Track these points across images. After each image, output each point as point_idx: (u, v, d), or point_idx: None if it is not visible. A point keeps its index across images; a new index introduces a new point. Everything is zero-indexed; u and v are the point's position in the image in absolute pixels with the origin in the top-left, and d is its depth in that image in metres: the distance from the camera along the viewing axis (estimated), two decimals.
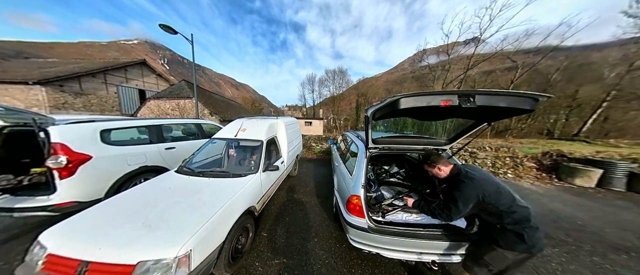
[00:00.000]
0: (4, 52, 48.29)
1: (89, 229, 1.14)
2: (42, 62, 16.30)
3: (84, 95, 12.72)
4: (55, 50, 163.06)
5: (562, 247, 1.90)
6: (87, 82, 12.91)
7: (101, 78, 13.68)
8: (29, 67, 14.00)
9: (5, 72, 11.83)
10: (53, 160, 1.80)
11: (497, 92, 1.07)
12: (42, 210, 1.81)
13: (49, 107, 11.05)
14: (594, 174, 3.73)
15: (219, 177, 1.82)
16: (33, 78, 10.78)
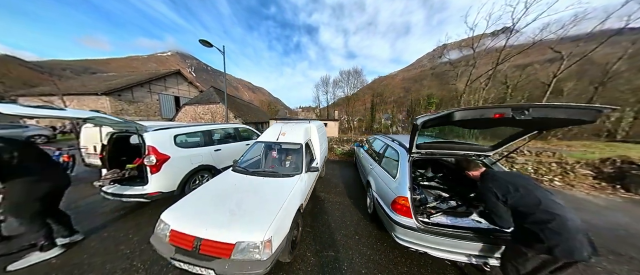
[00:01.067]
0: (76, 68, 59.77)
1: (192, 213, 1.48)
2: (105, 76, 19.65)
3: (135, 103, 14.99)
4: (111, 64, 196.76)
5: (630, 264, 1.70)
6: (137, 92, 15.18)
7: (147, 87, 15.95)
8: (97, 81, 17.06)
9: (85, 86, 14.63)
10: (147, 159, 2.30)
11: (556, 105, 1.08)
12: (140, 198, 2.32)
13: (111, 113, 13.36)
14: None
15: (271, 177, 2.10)
16: (101, 90, 13.12)
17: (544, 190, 1.13)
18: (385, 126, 24.63)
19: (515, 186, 1.12)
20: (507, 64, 13.23)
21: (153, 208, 2.53)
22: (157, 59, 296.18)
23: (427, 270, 1.59)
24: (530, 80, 14.99)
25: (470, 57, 13.82)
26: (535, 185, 1.14)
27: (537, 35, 11.51)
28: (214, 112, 13.53)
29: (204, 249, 1.24)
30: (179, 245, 1.30)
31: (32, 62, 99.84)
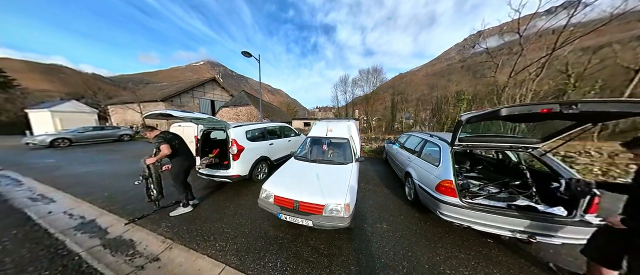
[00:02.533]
0: (135, 80, 72.94)
1: (285, 185, 2.07)
2: (159, 86, 23.48)
3: (182, 107, 17.68)
4: (159, 75, 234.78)
5: None
6: (183, 97, 17.86)
7: (190, 94, 18.65)
8: (154, 90, 20.63)
9: (148, 94, 17.96)
10: (231, 150, 3.08)
11: (605, 100, 1.19)
12: (226, 178, 3.11)
13: None
14: None
15: (330, 164, 2.62)
16: (159, 97, 15.96)
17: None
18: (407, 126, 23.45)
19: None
20: (568, 47, 10.22)
21: (231, 186, 3.32)
22: (192, 68, 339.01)
23: (470, 243, 1.88)
24: (605, 66, 11.59)
25: (515, 43, 11.12)
26: None
27: (619, 7, 7.62)
28: (245, 113, 15.10)
29: (302, 208, 1.79)
30: (282, 205, 1.89)
31: (107, 77, 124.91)
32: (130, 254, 1.70)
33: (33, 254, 1.68)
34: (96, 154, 6.70)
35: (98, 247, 1.79)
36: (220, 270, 1.54)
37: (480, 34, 15.39)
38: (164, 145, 2.16)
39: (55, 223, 2.19)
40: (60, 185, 3.42)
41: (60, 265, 1.57)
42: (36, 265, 1.55)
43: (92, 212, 2.45)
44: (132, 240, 1.89)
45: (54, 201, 2.81)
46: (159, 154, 2.16)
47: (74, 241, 1.86)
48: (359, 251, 1.76)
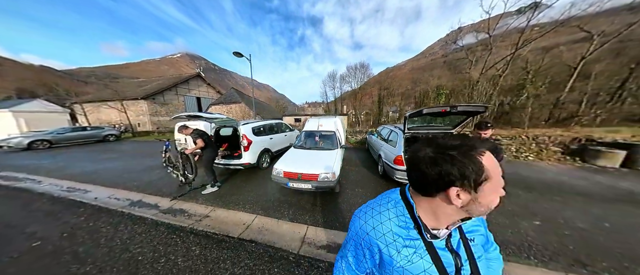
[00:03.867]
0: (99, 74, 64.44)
1: (290, 164, 2.93)
2: (136, 82, 21.88)
3: (166, 105, 17.02)
4: (129, 69, 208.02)
5: (532, 191, 2.98)
6: (167, 95, 17.15)
7: (174, 90, 17.90)
8: (131, 86, 19.27)
9: (123, 91, 16.76)
10: (242, 142, 3.82)
11: (468, 104, 2.36)
12: (239, 166, 3.86)
13: (149, 114, 15.47)
14: (617, 155, 4.13)
15: (321, 150, 3.52)
16: (140, 95, 15.15)
17: None
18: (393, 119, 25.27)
19: None
20: (529, 47, 12.07)
21: (242, 172, 4.08)
22: (168, 61, 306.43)
23: None
24: (554, 64, 13.72)
25: (488, 41, 12.45)
26: None
27: (564, 13, 10.18)
28: (237, 111, 15.20)
29: (304, 177, 2.69)
30: (289, 177, 2.76)
31: (62, 70, 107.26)
32: (186, 215, 2.46)
33: (114, 220, 2.35)
34: (90, 154, 6.75)
35: (160, 213, 2.50)
36: (254, 217, 2.39)
37: (461, 30, 16.77)
38: (199, 139, 2.85)
39: (110, 203, 2.80)
40: (83, 180, 3.85)
41: (143, 224, 2.28)
42: (125, 222, 2.24)
43: (135, 196, 3.06)
44: (182, 209, 2.63)
45: (90, 191, 3.32)
46: (197, 145, 2.84)
47: (138, 213, 2.54)
48: (342, 203, 2.74)
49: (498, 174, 0.40)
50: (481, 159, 0.39)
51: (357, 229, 0.48)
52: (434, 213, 0.44)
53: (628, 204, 2.62)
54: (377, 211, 0.48)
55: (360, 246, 0.48)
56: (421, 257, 0.43)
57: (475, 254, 0.48)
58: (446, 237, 0.45)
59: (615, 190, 3.03)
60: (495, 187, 0.40)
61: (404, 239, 0.44)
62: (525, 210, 2.45)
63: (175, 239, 1.98)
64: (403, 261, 0.43)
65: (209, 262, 1.65)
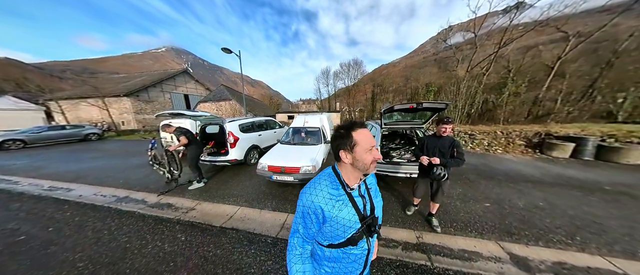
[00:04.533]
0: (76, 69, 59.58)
1: (275, 158, 3.10)
2: (117, 78, 20.71)
3: (151, 102, 16.38)
4: (108, 63, 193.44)
5: (492, 180, 3.38)
6: (152, 92, 16.48)
7: (160, 87, 17.21)
8: (112, 82, 18.25)
9: (104, 87, 15.86)
10: (229, 139, 3.92)
11: (431, 102, 2.61)
12: (226, 162, 3.97)
13: (133, 112, 14.86)
14: (567, 147, 4.69)
15: (306, 145, 3.72)
16: (122, 91, 14.44)
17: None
18: None
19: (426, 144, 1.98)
20: (510, 46, 12.76)
21: (229, 169, 4.20)
22: (152, 56, 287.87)
23: (387, 182, 3.26)
24: (534, 63, 14.36)
25: (474, 40, 13.27)
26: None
27: (543, 14, 10.95)
28: (227, 108, 14.95)
29: (287, 170, 2.88)
30: (273, 171, 2.94)
31: (32, 64, 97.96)
32: (173, 208, 2.58)
33: (101, 215, 2.43)
34: (72, 154, 6.52)
35: (147, 207, 2.61)
36: (237, 209, 2.56)
37: (451, 28, 17.26)
38: (182, 137, 2.93)
39: (96, 200, 2.86)
40: (65, 179, 3.81)
41: (130, 217, 2.39)
42: (112, 216, 2.33)
43: (121, 193, 3.12)
44: (169, 203, 2.75)
45: (73, 189, 3.32)
46: (180, 143, 2.93)
47: (125, 207, 2.63)
48: None
49: (367, 142, 0.61)
50: (352, 133, 0.62)
51: (305, 201, 0.63)
52: (347, 174, 0.65)
53: (565, 187, 3.07)
54: (317, 183, 0.66)
55: (308, 214, 0.62)
56: (346, 205, 0.64)
57: (373, 196, 0.72)
58: (358, 189, 0.67)
59: (559, 177, 3.50)
60: (365, 150, 0.61)
61: (336, 196, 0.63)
62: (481, 196, 2.81)
63: (162, 228, 2.12)
64: (336, 211, 0.62)
65: (193, 246, 1.82)
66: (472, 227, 2.08)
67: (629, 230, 2.02)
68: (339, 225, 0.63)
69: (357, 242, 0.66)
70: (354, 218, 0.64)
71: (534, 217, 2.25)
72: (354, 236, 0.65)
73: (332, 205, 0.63)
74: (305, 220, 0.64)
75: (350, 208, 0.64)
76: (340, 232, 0.64)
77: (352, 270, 0.70)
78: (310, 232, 0.65)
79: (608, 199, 2.68)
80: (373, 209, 0.70)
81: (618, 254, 1.72)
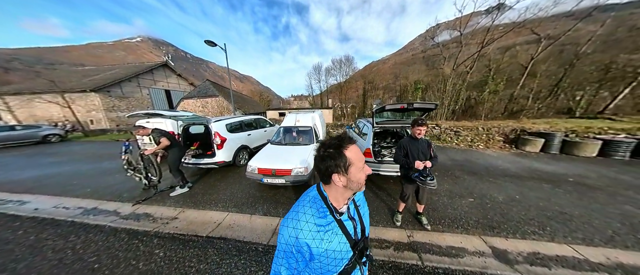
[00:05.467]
0: (26, 59, 51.41)
1: (265, 160, 2.96)
2: (83, 71, 18.41)
3: (126, 99, 14.93)
4: (71, 53, 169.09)
5: (475, 175, 3.59)
6: (126, 87, 14.99)
7: (135, 82, 15.71)
8: (76, 75, 16.20)
9: (66, 81, 14.02)
10: (215, 140, 3.66)
11: (421, 102, 2.64)
12: (213, 164, 3.72)
13: (104, 110, 13.43)
14: (538, 142, 5.17)
15: (297, 145, 3.60)
16: (89, 86, 12.89)
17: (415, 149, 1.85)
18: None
19: (402, 147, 1.92)
20: (491, 46, 13.72)
21: (217, 171, 3.96)
22: (126, 46, 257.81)
23: (377, 182, 3.30)
24: (511, 63, 15.16)
25: (459, 38, 13.97)
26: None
27: (520, 16, 11.98)
28: (214, 105, 14.13)
29: (278, 173, 2.76)
30: (263, 173, 2.80)
31: None
32: (151, 219, 2.35)
33: (63, 231, 2.13)
34: (27, 159, 5.68)
35: (120, 220, 2.34)
36: (226, 215, 2.41)
37: (438, 26, 17.91)
38: (163, 138, 2.65)
39: (57, 213, 2.50)
40: (17, 190, 3.30)
41: (99, 232, 2.11)
42: (77, 232, 2.05)
43: (89, 203, 2.77)
44: (147, 213, 2.49)
45: (28, 202, 2.88)
46: (160, 145, 2.64)
47: (93, 221, 2.33)
48: None
49: (360, 159, 0.55)
50: (345, 152, 0.54)
51: (287, 238, 0.53)
52: (335, 196, 0.57)
53: (537, 180, 3.36)
54: (301, 214, 0.55)
55: (291, 252, 0.53)
56: (336, 233, 0.56)
57: (362, 213, 0.65)
58: (347, 211, 0.60)
59: (531, 171, 3.83)
60: (359, 169, 0.55)
61: (324, 226, 0.55)
62: (466, 191, 2.96)
63: (137, 243, 1.91)
64: (325, 244, 0.53)
65: (172, 263, 1.66)
66: (458, 224, 2.17)
67: (587, 218, 2.26)
68: (329, 259, 0.55)
69: (351, 273, 0.60)
70: (345, 248, 0.57)
71: (512, 211, 2.42)
72: (346, 268, 0.58)
73: (320, 239, 0.53)
74: (288, 261, 0.54)
75: (341, 236, 0.56)
76: (331, 267, 0.56)
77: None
78: (294, 274, 0.56)
79: (570, 190, 2.98)
80: (364, 230, 0.63)
81: (580, 241, 1.90)
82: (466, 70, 14.52)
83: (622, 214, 2.31)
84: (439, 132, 7.12)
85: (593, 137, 4.95)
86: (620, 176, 3.45)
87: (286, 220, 0.57)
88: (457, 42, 15.07)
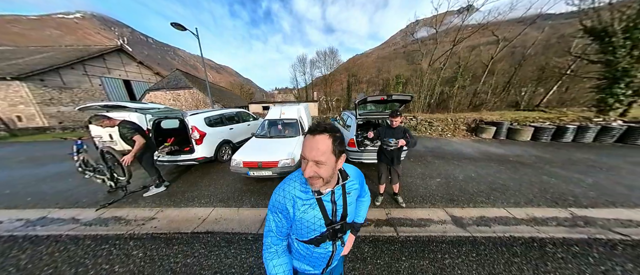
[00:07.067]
0: None
1: (250, 153, 2.89)
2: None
3: (69, 90, 12.46)
4: None
5: (443, 159, 4.15)
6: (68, 75, 12.45)
7: (81, 69, 13.13)
8: None
9: None
10: (193, 135, 3.39)
11: (400, 94, 2.88)
12: (192, 161, 3.46)
13: (37, 103, 10.99)
14: (491, 130, 6.17)
15: (283, 138, 3.58)
16: (8, 73, 10.30)
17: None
18: None
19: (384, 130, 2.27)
20: (461, 45, 15.20)
21: (197, 168, 3.72)
22: (59, 23, 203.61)
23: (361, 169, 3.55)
24: (476, 61, 16.73)
25: (435, 36, 15.26)
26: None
27: (485, 18, 13.87)
28: (187, 98, 12.75)
29: (264, 165, 2.74)
30: (249, 166, 2.75)
31: None
32: (123, 222, 2.13)
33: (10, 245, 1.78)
34: None
35: (81, 227, 2.07)
36: (211, 210, 2.33)
37: (417, 22, 18.76)
38: (137, 135, 2.33)
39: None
40: None
41: (54, 242, 1.84)
42: (21, 247, 1.74)
43: (33, 214, 2.35)
44: (117, 216, 2.25)
45: None
46: (137, 145, 2.31)
47: (42, 232, 2.00)
48: None
49: (305, 152, 0.55)
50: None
51: (274, 200, 0.64)
52: None
53: (488, 161, 4.06)
54: (287, 184, 0.64)
55: (276, 212, 0.63)
56: (313, 208, 0.63)
57: (348, 202, 0.70)
58: (331, 195, 0.65)
59: (485, 154, 4.58)
60: (304, 161, 0.56)
61: (303, 199, 0.63)
62: (435, 173, 3.41)
63: (108, 248, 1.74)
64: (301, 213, 0.63)
65: (155, 261, 1.58)
66: (427, 200, 2.54)
67: (518, 188, 2.86)
68: (302, 226, 0.64)
69: (320, 244, 0.68)
70: (319, 222, 0.64)
71: (468, 186, 2.91)
72: (317, 238, 0.66)
73: (298, 208, 0.63)
74: (275, 218, 0.64)
75: (317, 211, 0.64)
76: (304, 232, 0.65)
77: (315, 265, 0.73)
78: (282, 230, 0.65)
79: (510, 167, 3.69)
80: (344, 217, 0.68)
81: (511, 204, 2.43)
82: (440, 66, 16.00)
83: (540, 182, 2.99)
84: (415, 124, 7.82)
85: (528, 125, 6.10)
86: (543, 155, 4.39)
87: (278, 186, 0.66)
88: (434, 39, 16.38)
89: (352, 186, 0.72)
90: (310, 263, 0.72)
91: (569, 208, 2.29)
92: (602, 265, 1.49)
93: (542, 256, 1.58)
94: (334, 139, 0.55)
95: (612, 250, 1.65)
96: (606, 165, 3.68)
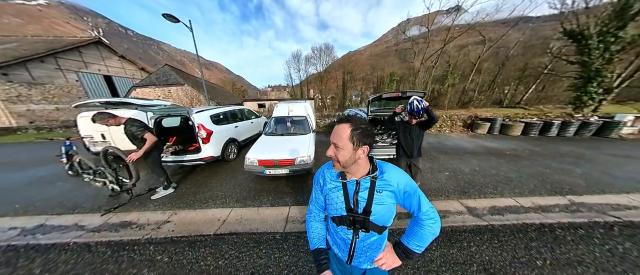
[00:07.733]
0: None
1: (264, 152, 2.82)
2: None
3: (40, 86, 11.31)
4: None
5: (446, 154, 4.35)
6: (37, 69, 11.27)
7: (53, 63, 11.92)
8: None
9: None
10: (200, 134, 3.22)
11: (414, 91, 2.94)
12: (199, 161, 3.31)
13: (2, 100, 9.87)
14: (485, 126, 6.56)
15: (293, 135, 3.53)
16: None
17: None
18: (356, 103, 27.36)
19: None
20: (451, 44, 15.82)
21: (203, 168, 3.56)
22: (19, 10, 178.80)
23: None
24: (464, 60, 17.29)
25: (427, 34, 15.72)
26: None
27: (473, 19, 14.62)
28: (178, 95, 12.06)
29: (281, 163, 2.69)
30: (265, 165, 2.69)
31: None
32: (135, 227, 2.00)
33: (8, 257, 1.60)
34: None
35: (88, 233, 1.91)
36: (229, 211, 2.26)
37: (409, 21, 19.22)
38: (147, 133, 2.16)
39: None
40: None
41: (62, 250, 1.68)
42: (32, 259, 1.57)
43: (28, 221, 2.12)
44: (126, 221, 2.10)
45: None
46: (148, 144, 2.15)
47: (45, 240, 1.82)
48: None
49: (331, 135, 0.67)
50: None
51: (317, 176, 0.80)
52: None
53: (487, 155, 4.32)
54: (325, 165, 0.80)
55: (316, 184, 0.79)
56: (338, 190, 0.72)
57: (376, 200, 0.66)
58: (355, 184, 0.68)
59: (483, 148, 4.87)
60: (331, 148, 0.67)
61: (333, 180, 0.74)
62: (442, 167, 3.56)
63: (129, 254, 1.63)
64: (327, 190, 0.74)
65: (185, 265, 1.51)
66: (441, 193, 2.65)
67: (519, 179, 3.09)
68: (331, 201, 0.73)
69: (339, 225, 0.73)
70: (341, 205, 0.71)
71: (475, 179, 3.08)
72: (341, 217, 0.72)
73: (327, 184, 0.75)
74: (315, 190, 0.80)
75: (340, 195, 0.71)
76: (330, 208, 0.74)
77: (340, 247, 0.76)
78: (319, 201, 0.79)
79: (508, 160, 3.96)
80: (367, 212, 0.67)
81: (517, 194, 2.62)
82: (432, 65, 16.58)
83: (537, 173, 3.25)
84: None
85: (519, 121, 6.56)
86: (534, 148, 4.76)
87: (319, 170, 0.81)
88: (425, 38, 16.88)
89: (385, 187, 0.67)
90: (335, 243, 0.79)
91: (566, 195, 2.52)
92: (606, 245, 1.67)
93: (555, 239, 1.73)
94: (353, 128, 0.61)
95: (610, 230, 1.85)
96: (588, 156, 4.07)
